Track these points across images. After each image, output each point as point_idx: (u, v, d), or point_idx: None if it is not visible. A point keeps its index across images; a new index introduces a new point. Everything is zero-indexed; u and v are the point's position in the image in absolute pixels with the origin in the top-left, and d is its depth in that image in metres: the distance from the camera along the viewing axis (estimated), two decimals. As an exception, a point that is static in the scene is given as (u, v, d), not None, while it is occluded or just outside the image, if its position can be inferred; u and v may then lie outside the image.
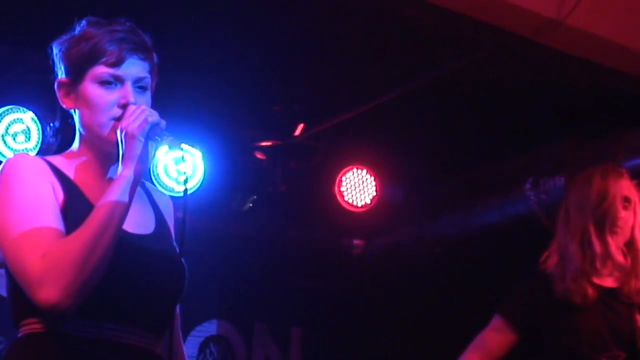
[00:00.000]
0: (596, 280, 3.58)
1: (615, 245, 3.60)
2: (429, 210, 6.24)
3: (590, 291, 3.55)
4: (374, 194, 6.23)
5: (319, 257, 6.58)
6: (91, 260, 2.14)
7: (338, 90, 5.37)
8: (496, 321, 3.72)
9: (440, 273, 6.29)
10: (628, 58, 4.64)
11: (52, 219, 2.23)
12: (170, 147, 2.36)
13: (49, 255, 2.15)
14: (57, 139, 4.78)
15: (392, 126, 5.75)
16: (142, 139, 2.28)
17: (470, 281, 5.89)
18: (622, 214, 3.61)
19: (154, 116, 2.31)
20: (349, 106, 5.46)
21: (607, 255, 3.58)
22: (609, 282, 3.62)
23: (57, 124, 4.75)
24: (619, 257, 3.60)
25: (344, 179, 6.23)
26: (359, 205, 6.23)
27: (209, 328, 6.25)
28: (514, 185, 5.58)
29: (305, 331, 6.67)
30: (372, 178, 6.24)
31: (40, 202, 2.24)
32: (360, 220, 6.37)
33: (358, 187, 6.23)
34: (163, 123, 2.34)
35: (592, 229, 3.60)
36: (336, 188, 6.21)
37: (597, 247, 3.58)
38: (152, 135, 2.31)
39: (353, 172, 6.24)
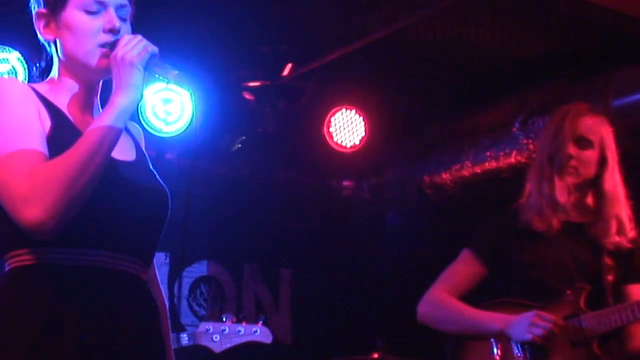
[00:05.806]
0: (562, 215, 3.59)
1: (561, 186, 3.57)
2: (419, 150, 6.23)
3: (555, 221, 3.56)
4: (363, 134, 6.21)
5: (308, 198, 6.59)
6: (79, 182, 2.13)
7: (326, 30, 5.33)
8: (465, 254, 3.71)
9: (430, 213, 6.31)
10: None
11: (38, 142, 2.20)
12: (169, 82, 2.35)
13: (36, 175, 2.12)
14: (43, 79, 4.74)
15: (381, 66, 5.72)
16: (141, 69, 2.27)
17: (461, 221, 5.90)
18: (575, 153, 3.55)
19: (152, 47, 2.30)
20: (337, 46, 5.41)
21: (551, 196, 3.56)
22: (575, 218, 3.62)
23: (43, 64, 4.71)
24: (562, 199, 3.56)
25: (333, 119, 6.21)
26: (348, 146, 6.22)
27: (200, 269, 6.28)
28: (503, 125, 5.58)
29: (295, 272, 6.70)
30: (361, 118, 6.22)
31: (26, 125, 2.22)
32: (349, 161, 6.36)
33: (347, 128, 6.21)
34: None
35: (545, 168, 3.60)
36: (325, 129, 6.19)
37: (545, 187, 3.58)
38: (150, 66, 2.30)
39: (342, 113, 6.22)
